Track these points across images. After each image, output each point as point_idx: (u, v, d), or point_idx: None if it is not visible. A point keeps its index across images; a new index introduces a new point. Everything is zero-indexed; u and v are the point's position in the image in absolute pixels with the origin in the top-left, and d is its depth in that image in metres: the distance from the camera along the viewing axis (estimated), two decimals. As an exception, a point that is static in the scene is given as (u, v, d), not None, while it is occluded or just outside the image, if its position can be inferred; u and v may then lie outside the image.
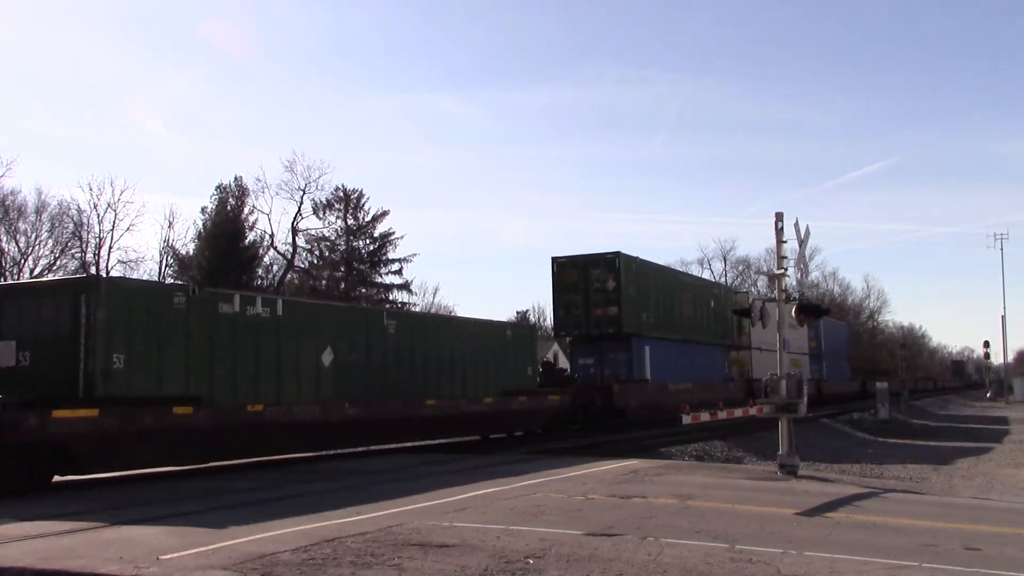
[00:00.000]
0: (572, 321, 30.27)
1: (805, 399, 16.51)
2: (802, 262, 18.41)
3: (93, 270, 52.24)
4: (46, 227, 53.72)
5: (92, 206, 55.45)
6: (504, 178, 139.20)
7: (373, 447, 20.63)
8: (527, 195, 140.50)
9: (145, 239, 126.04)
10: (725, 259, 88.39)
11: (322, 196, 66.17)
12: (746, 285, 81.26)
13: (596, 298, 29.66)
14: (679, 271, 37.76)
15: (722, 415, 16.57)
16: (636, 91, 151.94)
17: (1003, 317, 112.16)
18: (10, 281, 43.92)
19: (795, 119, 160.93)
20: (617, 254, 29.95)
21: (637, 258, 31.84)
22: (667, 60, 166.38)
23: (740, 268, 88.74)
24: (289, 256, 64.55)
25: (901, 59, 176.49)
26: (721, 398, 34.01)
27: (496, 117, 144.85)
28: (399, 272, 68.20)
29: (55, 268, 53.42)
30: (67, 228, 54.33)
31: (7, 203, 51.78)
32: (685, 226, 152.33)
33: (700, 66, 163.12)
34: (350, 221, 69.44)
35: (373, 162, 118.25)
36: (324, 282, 68.55)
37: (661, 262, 38.13)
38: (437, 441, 22.41)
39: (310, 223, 67.76)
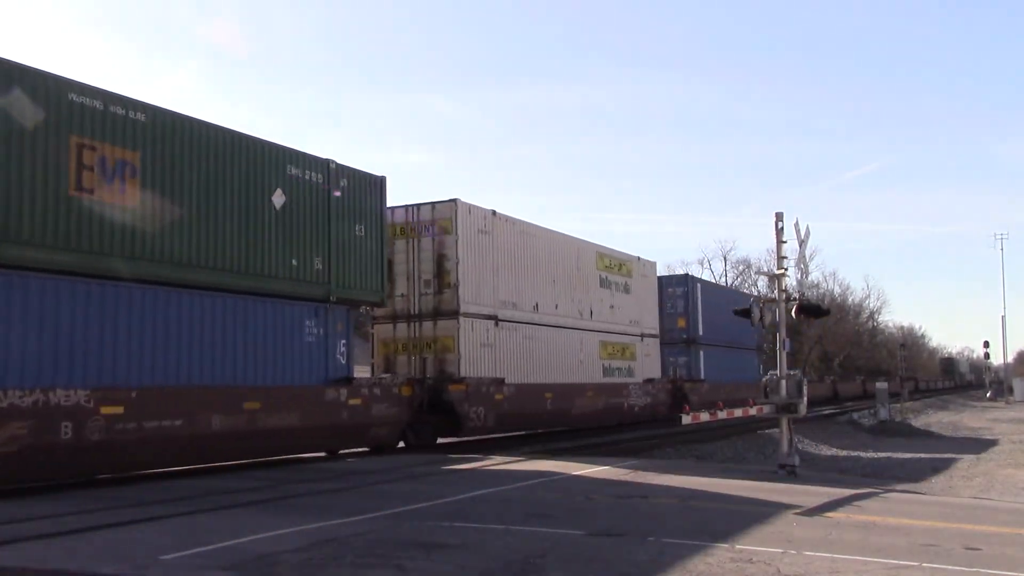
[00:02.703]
0: None
1: (805, 398, 16.54)
2: (802, 262, 18.39)
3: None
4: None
5: (92, 206, 55.31)
6: (502, 179, 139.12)
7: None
8: (526, 195, 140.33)
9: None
10: (725, 259, 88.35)
11: (321, 196, 65.91)
12: (746, 285, 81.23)
13: None
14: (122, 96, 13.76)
15: (722, 415, 16.70)
16: (635, 91, 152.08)
17: (1003, 317, 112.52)
18: None
19: (794, 119, 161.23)
20: None
21: None
22: (666, 60, 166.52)
23: (740, 268, 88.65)
24: (289, 256, 64.39)
25: (901, 59, 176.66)
26: (284, 425, 14.88)
27: (493, 117, 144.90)
28: (398, 272, 67.88)
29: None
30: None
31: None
32: (685, 226, 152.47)
33: (699, 66, 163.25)
34: (349, 221, 69.21)
35: (371, 162, 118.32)
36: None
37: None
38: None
39: (309, 223, 67.63)
